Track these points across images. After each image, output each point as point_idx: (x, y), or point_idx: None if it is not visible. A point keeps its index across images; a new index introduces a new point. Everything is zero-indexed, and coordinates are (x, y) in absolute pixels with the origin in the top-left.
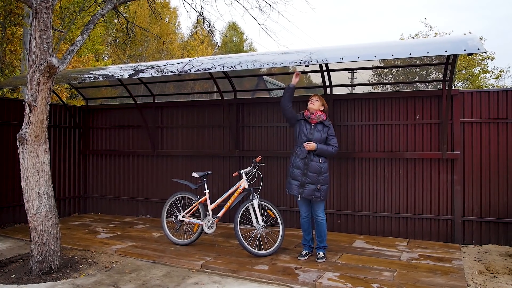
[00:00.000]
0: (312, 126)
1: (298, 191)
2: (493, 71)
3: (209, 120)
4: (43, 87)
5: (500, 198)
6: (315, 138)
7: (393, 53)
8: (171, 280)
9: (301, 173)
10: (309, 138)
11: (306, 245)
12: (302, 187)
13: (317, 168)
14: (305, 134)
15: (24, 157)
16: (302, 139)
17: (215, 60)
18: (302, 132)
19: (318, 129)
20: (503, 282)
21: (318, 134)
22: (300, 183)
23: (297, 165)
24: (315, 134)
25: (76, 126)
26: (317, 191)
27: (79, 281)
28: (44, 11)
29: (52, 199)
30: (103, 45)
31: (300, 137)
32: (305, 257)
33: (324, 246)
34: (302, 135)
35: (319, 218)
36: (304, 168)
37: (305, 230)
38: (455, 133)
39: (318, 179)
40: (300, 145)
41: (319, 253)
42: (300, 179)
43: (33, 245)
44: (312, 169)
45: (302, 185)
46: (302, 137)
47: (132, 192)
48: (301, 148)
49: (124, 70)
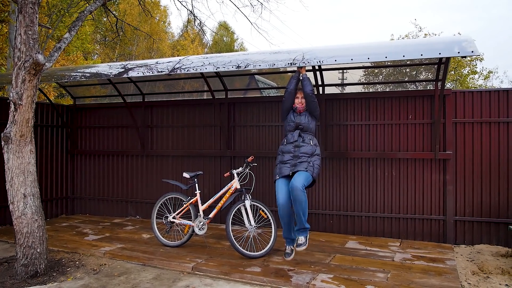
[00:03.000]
0: (298, 114)
1: (290, 169)
2: (481, 72)
3: (200, 120)
4: (29, 85)
5: (492, 198)
6: (303, 122)
7: (386, 55)
8: (161, 283)
9: (292, 156)
10: (297, 123)
11: (289, 239)
12: (294, 166)
13: (309, 149)
14: (293, 120)
15: (8, 157)
16: (290, 126)
17: (205, 59)
18: (290, 119)
19: (303, 114)
20: (496, 283)
21: (304, 119)
22: (291, 164)
23: (287, 150)
24: (302, 119)
25: (64, 126)
26: (309, 165)
27: (66, 284)
28: (29, 6)
29: (38, 201)
30: (92, 44)
31: (288, 124)
32: (292, 254)
33: (306, 227)
34: (290, 122)
35: (297, 189)
36: (294, 151)
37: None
38: (447, 133)
39: (310, 159)
40: (289, 132)
41: (299, 238)
42: (291, 162)
43: (18, 248)
44: (303, 150)
45: (293, 165)
46: (290, 123)
47: (121, 193)
48: (290, 134)
49: (113, 69)
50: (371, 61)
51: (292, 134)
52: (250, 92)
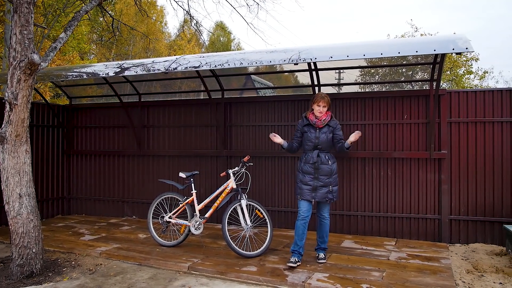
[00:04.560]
0: (317, 130)
1: (311, 195)
2: (477, 72)
3: (196, 120)
4: (24, 85)
5: (486, 197)
6: (322, 141)
7: (382, 52)
8: (158, 283)
9: (312, 178)
10: (315, 143)
11: (297, 252)
12: (314, 191)
13: (327, 171)
14: (311, 139)
15: (4, 157)
16: (309, 146)
17: (202, 59)
18: (308, 138)
19: (323, 131)
20: (490, 281)
21: (324, 137)
22: (312, 188)
23: (307, 170)
24: (321, 138)
25: (60, 126)
26: (329, 193)
27: (62, 284)
28: (25, 5)
29: (34, 201)
30: (88, 44)
31: (306, 144)
32: (295, 265)
33: (325, 247)
34: (308, 142)
35: (323, 218)
36: (314, 172)
37: (299, 234)
38: (442, 132)
39: (330, 180)
40: (308, 151)
41: (319, 254)
42: (312, 183)
43: (13, 248)
44: (323, 172)
45: (314, 189)
46: (308, 143)
47: (117, 193)
48: (309, 154)
49: (109, 68)
50: (367, 58)
51: (311, 155)
52: (247, 92)
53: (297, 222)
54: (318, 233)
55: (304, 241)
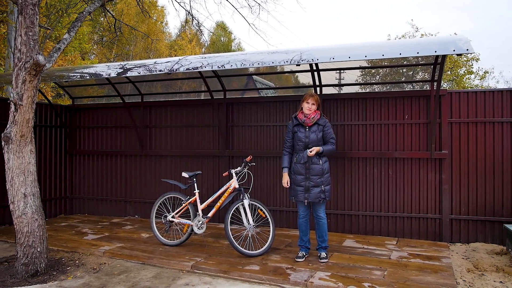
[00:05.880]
0: (306, 129)
1: (304, 196)
2: (477, 72)
3: (199, 120)
4: (29, 85)
5: (487, 197)
6: (312, 140)
7: (383, 53)
8: (161, 282)
9: (304, 178)
10: (306, 142)
11: (303, 247)
12: (307, 192)
13: (319, 170)
14: (301, 139)
15: (9, 157)
16: (299, 146)
17: (204, 59)
18: (298, 138)
19: (313, 130)
20: (491, 280)
21: (314, 136)
22: (304, 188)
23: (298, 171)
24: (311, 137)
25: (63, 126)
26: (322, 193)
27: (67, 283)
28: (30, 7)
29: (38, 200)
30: (89, 44)
31: (296, 144)
32: (303, 259)
33: (325, 246)
34: (298, 141)
35: (320, 218)
36: (306, 172)
37: (302, 230)
38: (443, 133)
39: (322, 180)
40: (299, 151)
41: (321, 253)
42: (304, 184)
43: (18, 247)
44: (314, 172)
45: (306, 190)
46: (299, 143)
47: (120, 193)
48: (300, 154)
49: (112, 69)
50: (369, 59)
51: (302, 155)
52: (248, 92)
53: (299, 220)
54: (317, 233)
55: (308, 236)
